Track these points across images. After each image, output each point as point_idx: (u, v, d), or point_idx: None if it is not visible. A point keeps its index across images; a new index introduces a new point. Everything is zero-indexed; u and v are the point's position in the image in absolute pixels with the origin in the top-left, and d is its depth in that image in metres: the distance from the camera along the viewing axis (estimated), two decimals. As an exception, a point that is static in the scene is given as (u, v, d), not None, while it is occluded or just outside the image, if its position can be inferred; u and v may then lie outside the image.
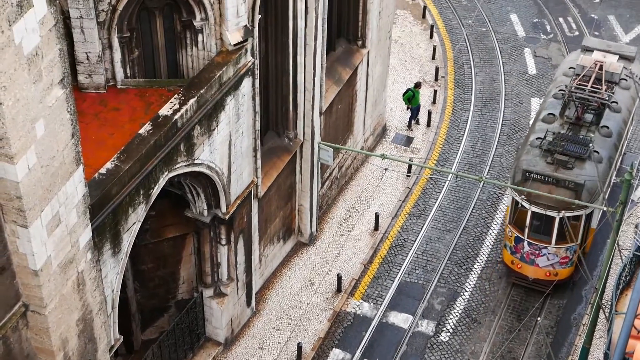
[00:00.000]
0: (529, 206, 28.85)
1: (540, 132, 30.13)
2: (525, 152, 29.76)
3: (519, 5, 43.14)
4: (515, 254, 30.06)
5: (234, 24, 22.94)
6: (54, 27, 15.99)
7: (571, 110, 30.53)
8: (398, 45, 40.63)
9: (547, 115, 30.74)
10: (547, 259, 29.61)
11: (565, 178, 28.41)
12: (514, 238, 29.84)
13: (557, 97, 31.38)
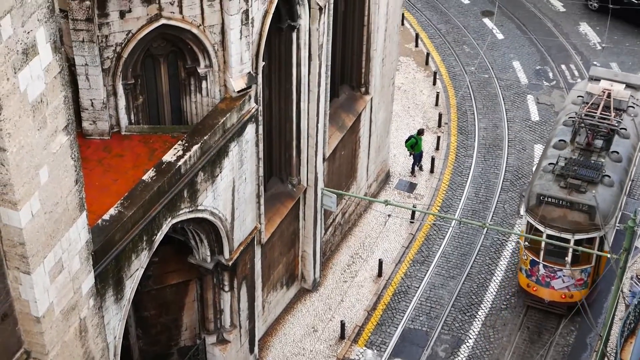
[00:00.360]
0: (543, 229, 29.53)
1: (552, 157, 31.04)
2: (538, 177, 30.60)
3: (521, 53, 43.38)
4: (531, 277, 30.71)
5: (237, 70, 23.08)
6: (59, 75, 16.08)
7: (581, 136, 31.48)
8: (401, 92, 40.81)
9: (558, 142, 31.72)
10: (562, 281, 30.20)
11: (579, 201, 29.28)
12: (530, 261, 30.51)
13: (567, 124, 32.39)
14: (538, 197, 29.72)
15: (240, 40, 22.69)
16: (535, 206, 29.77)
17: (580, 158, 30.77)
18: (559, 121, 33.28)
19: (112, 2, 20.89)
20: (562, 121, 32.86)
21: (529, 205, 30.12)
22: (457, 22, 45.19)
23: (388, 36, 32.55)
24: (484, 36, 44.08)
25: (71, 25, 20.65)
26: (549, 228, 29.45)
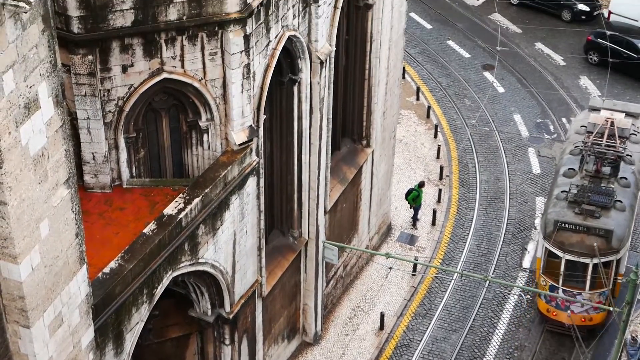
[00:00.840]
0: (562, 254, 30.40)
1: (563, 185, 32.05)
2: (552, 205, 31.47)
3: (522, 106, 43.58)
4: (550, 302, 31.50)
5: (239, 124, 23.20)
6: (60, 128, 16.17)
7: (589, 164, 32.51)
8: (403, 145, 40.93)
9: (568, 170, 32.76)
10: (581, 305, 30.91)
11: (596, 226, 30.26)
12: (549, 287, 31.22)
13: (574, 153, 33.44)
14: (555, 223, 30.56)
15: (241, 93, 22.84)
16: (553, 232, 30.57)
17: (591, 185, 31.70)
18: (565, 150, 34.25)
19: (115, 56, 21.07)
20: (568, 150, 33.83)
21: (546, 232, 30.84)
22: (458, 75, 45.47)
23: (389, 89, 32.74)
24: (485, 89, 44.31)
25: (73, 79, 20.81)
26: (567, 253, 30.29)
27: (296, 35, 25.10)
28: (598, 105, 35.54)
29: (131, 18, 20.82)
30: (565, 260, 30.33)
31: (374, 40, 30.45)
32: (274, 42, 24.14)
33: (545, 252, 31.03)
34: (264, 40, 23.52)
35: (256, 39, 23.01)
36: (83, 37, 20.45)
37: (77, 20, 20.23)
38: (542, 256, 31.25)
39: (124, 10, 20.63)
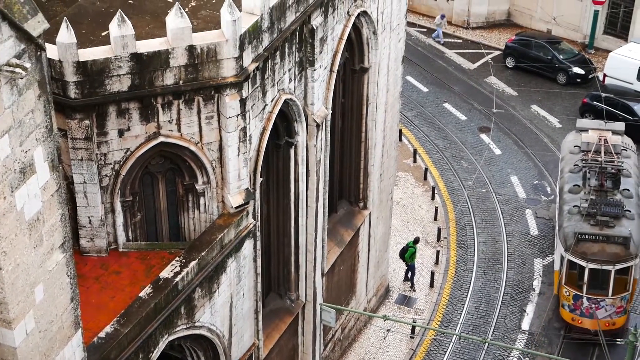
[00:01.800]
0: (586, 264, 32.37)
1: (572, 201, 34.09)
2: (567, 220, 33.42)
3: (519, 167, 43.71)
4: (575, 311, 33.35)
5: (235, 187, 23.26)
6: (56, 193, 16.20)
7: (591, 179, 34.69)
8: (400, 207, 40.97)
9: (573, 187, 34.77)
10: (605, 311, 33.00)
11: (615, 234, 32.44)
12: (572, 296, 33.09)
13: (574, 171, 35.54)
14: (575, 235, 32.50)
15: (238, 157, 22.93)
16: (574, 244, 32.49)
17: (599, 198, 33.74)
18: (563, 170, 36.20)
19: (111, 121, 21.20)
20: (567, 169, 35.83)
21: (567, 245, 32.67)
22: (455, 137, 45.68)
23: (386, 152, 32.89)
24: (482, 151, 44.49)
25: (70, 143, 20.91)
26: (591, 262, 32.28)
27: (292, 99, 25.28)
28: (586, 126, 37.90)
29: (128, 83, 21.00)
30: (589, 269, 32.30)
31: (370, 103, 30.67)
32: (270, 105, 24.32)
33: (567, 263, 32.90)
34: (260, 104, 23.69)
35: (252, 103, 23.17)
36: (80, 102, 20.60)
37: (74, 86, 20.40)
38: (565, 268, 33.03)
39: (121, 75, 20.82)
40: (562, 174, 36.18)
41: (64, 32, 19.94)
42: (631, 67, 45.60)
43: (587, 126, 37.92)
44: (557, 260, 34.34)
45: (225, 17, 21.43)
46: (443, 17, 51.60)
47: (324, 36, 26.16)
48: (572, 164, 35.88)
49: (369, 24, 29.08)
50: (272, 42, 23.42)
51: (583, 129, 37.74)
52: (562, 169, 36.50)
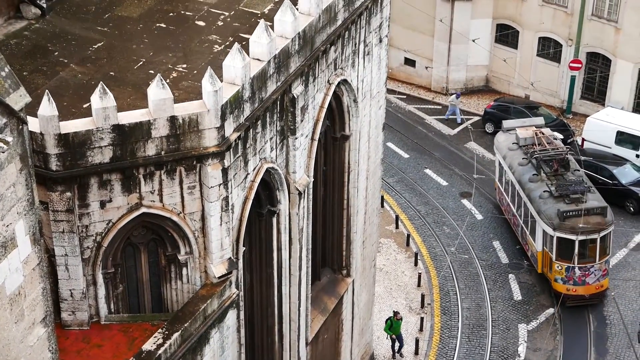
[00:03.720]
0: (576, 237, 36.75)
1: (538, 188, 38.59)
2: (543, 204, 37.80)
3: (501, 232, 43.74)
4: (568, 281, 37.70)
5: (218, 257, 23.14)
6: (37, 266, 16.09)
7: (544, 167, 39.38)
8: (383, 273, 40.86)
9: (532, 176, 39.27)
10: (594, 276, 37.59)
11: (594, 206, 37.19)
12: (565, 269, 37.46)
13: (522, 164, 40.08)
14: (561, 214, 36.81)
15: (220, 226, 22.85)
16: (561, 222, 36.84)
17: (562, 180, 38.42)
18: (512, 165, 40.68)
19: (93, 192, 21.13)
20: (517, 163, 40.35)
21: (555, 224, 36.99)
22: (437, 203, 45.78)
23: (368, 219, 32.88)
24: (463, 217, 44.56)
25: (51, 216, 20.79)
26: (580, 234, 36.64)
27: (274, 167, 25.31)
28: (511, 125, 42.78)
29: (110, 154, 20.98)
30: (579, 241, 36.67)
31: (352, 171, 30.74)
32: (252, 174, 24.32)
33: (556, 241, 37.13)
34: (242, 173, 23.70)
35: (234, 172, 23.18)
36: (61, 174, 20.53)
37: (55, 158, 20.35)
38: (554, 246, 37.30)
39: (103, 147, 20.80)
40: (512, 169, 40.50)
41: (46, 104, 19.95)
42: (609, 132, 46.03)
43: (513, 125, 42.64)
44: (540, 241, 38.35)
45: (206, 87, 21.52)
46: (458, 96, 51.59)
47: (305, 105, 26.31)
48: (519, 158, 40.38)
49: (349, 92, 29.28)
50: (254, 111, 23.52)
51: (510, 128, 42.49)
52: (511, 164, 40.71)
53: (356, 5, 28.06)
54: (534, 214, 38.62)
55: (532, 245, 39.79)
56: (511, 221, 42.71)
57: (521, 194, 39.85)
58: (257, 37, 23.41)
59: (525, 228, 40.46)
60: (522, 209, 40.35)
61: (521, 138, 41.17)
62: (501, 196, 43.56)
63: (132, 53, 24.75)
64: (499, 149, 42.77)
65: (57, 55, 24.39)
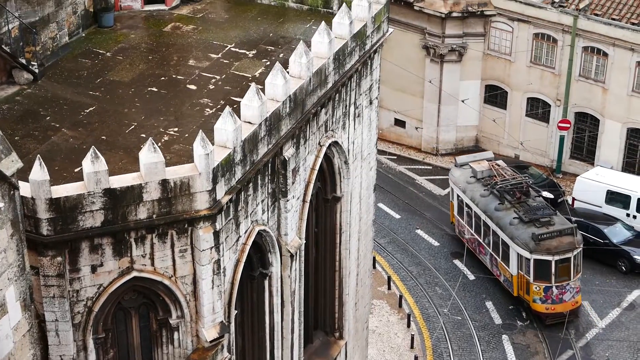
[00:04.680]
0: (552, 257, 38.81)
1: (506, 216, 40.65)
2: (515, 230, 39.81)
3: (493, 292, 43.62)
4: (547, 301, 39.61)
5: (210, 320, 22.97)
6: (27, 333, 15.97)
7: (508, 196, 41.49)
8: (376, 335, 40.61)
9: (498, 205, 41.39)
10: (570, 293, 39.65)
11: (565, 227, 39.45)
12: (543, 289, 39.35)
13: (484, 195, 42.27)
14: (536, 237, 38.88)
15: (212, 290, 22.73)
16: (536, 245, 38.80)
17: (528, 206, 40.67)
18: (474, 197, 42.68)
19: (84, 257, 21.04)
20: (478, 195, 42.45)
21: (531, 248, 38.93)
22: (428, 264, 45.71)
23: (360, 280, 32.77)
24: (456, 277, 44.47)
25: (42, 281, 20.62)
26: (556, 255, 38.76)
27: (266, 230, 25.28)
28: (464, 161, 45.03)
29: (101, 218, 20.93)
30: (555, 260, 38.74)
31: (344, 232, 30.71)
32: (244, 237, 24.27)
33: (534, 263, 38.91)
34: (233, 236, 23.66)
35: (226, 235, 23.14)
36: (52, 239, 20.43)
37: (46, 223, 20.27)
38: (531, 269, 39.02)
39: (94, 211, 20.76)
40: (475, 200, 42.57)
41: (37, 169, 19.94)
42: (599, 191, 46.19)
43: (466, 161, 44.99)
44: (514, 265, 40.06)
45: (198, 150, 21.57)
46: None
47: (296, 167, 26.37)
48: (480, 190, 42.66)
49: (340, 154, 29.37)
50: (245, 174, 23.55)
51: (463, 163, 44.76)
52: (472, 197, 42.74)
53: (346, 67, 28.28)
54: (506, 240, 40.51)
55: (505, 271, 41.51)
56: (476, 251, 44.27)
57: (489, 223, 41.76)
58: (248, 100, 23.54)
59: (495, 255, 42.16)
60: (490, 237, 42.21)
61: (478, 172, 43.50)
62: (462, 228, 44.95)
63: (123, 117, 24.87)
64: (456, 183, 44.67)
65: (48, 120, 24.49)
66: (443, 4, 49.00)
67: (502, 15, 49.83)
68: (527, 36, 49.79)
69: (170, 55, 28.17)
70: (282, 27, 30.13)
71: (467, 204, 43.69)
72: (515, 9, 49.26)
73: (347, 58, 28.23)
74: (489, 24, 50.43)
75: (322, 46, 26.54)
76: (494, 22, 50.29)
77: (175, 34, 29.44)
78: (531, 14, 49.04)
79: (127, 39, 28.88)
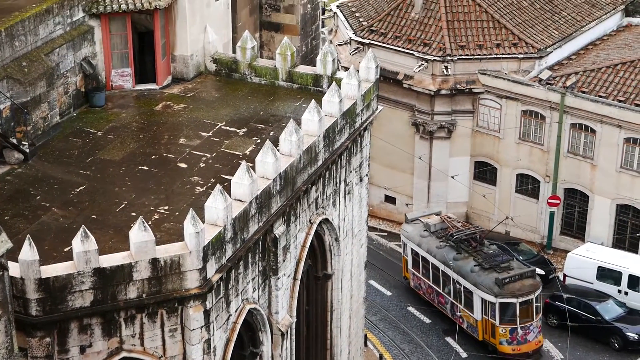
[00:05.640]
0: (516, 300, 40.18)
1: (465, 265, 41.89)
2: (478, 276, 41.13)
3: None
4: (512, 342, 40.62)
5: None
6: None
7: (464, 246, 42.86)
8: (368, 415, 40.06)
9: (457, 255, 42.56)
10: (533, 333, 41.19)
11: (525, 271, 41.25)
12: (509, 331, 40.51)
13: (440, 247, 43.41)
14: (499, 281, 40.29)
15: (202, 369, 22.52)
16: (501, 289, 40.23)
17: (485, 254, 42.22)
18: (430, 250, 43.78)
19: (73, 337, 20.85)
20: (434, 247, 43.64)
21: (495, 292, 40.25)
22: (420, 341, 45.29)
23: (352, 358, 32.49)
24: (448, 355, 44.02)
25: (30, 362, 20.44)
26: (520, 297, 40.24)
27: (256, 308, 25.14)
28: (415, 216, 46.38)
29: (90, 298, 20.81)
30: (519, 303, 40.11)
31: (335, 310, 30.55)
32: (235, 315, 24.13)
33: (499, 306, 40.24)
34: (224, 314, 23.51)
35: (216, 314, 22.99)
36: (41, 319, 20.29)
37: (35, 303, 20.13)
38: (497, 312, 40.40)
39: (83, 291, 20.65)
40: (432, 253, 43.79)
41: (27, 249, 19.87)
42: (590, 268, 46.03)
43: (416, 216, 46.38)
44: (479, 311, 41.21)
45: (188, 229, 21.56)
46: None
47: (287, 244, 26.33)
48: (436, 242, 43.86)
49: (330, 231, 29.37)
50: (236, 252, 23.51)
51: (414, 219, 46.11)
52: (429, 249, 43.97)
53: (336, 145, 28.44)
54: (469, 287, 41.63)
55: (468, 317, 42.50)
56: (435, 301, 45.08)
57: (448, 273, 42.89)
58: (239, 178, 23.61)
59: (456, 303, 43.05)
60: (450, 286, 43.19)
61: (431, 225, 44.89)
62: (418, 281, 45.79)
63: (114, 196, 24.88)
64: (410, 238, 45.69)
65: (39, 200, 24.49)
66: (432, 82, 49.44)
67: (490, 92, 50.25)
68: (515, 113, 50.15)
69: (161, 133, 28.30)
70: (273, 105, 30.36)
71: (423, 257, 44.69)
72: (503, 86, 49.68)
73: (337, 136, 28.42)
74: (477, 101, 50.81)
75: (312, 124, 26.73)
76: (482, 99, 50.67)
77: (166, 113, 29.63)
78: (519, 91, 49.46)
79: (118, 118, 29.05)
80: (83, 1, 29.02)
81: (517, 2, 52.00)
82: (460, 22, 50.07)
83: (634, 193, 47.74)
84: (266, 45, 41.45)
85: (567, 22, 52.34)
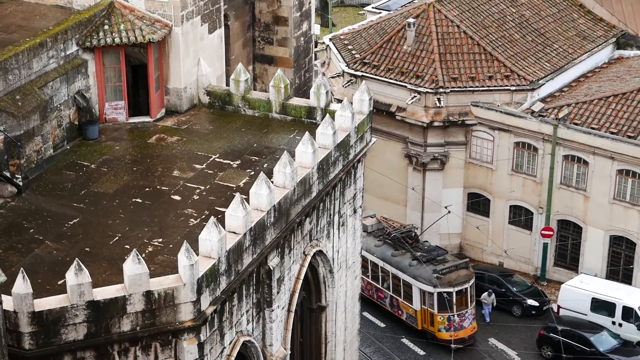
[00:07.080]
0: (452, 289, 42.88)
1: (405, 259, 44.65)
2: (415, 270, 43.72)
3: (481, 402, 43.07)
4: (450, 329, 43.37)
5: None
6: None
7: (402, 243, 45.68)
8: None
9: (395, 251, 45.35)
10: (468, 320, 43.95)
11: (460, 262, 44.32)
12: (446, 318, 43.28)
13: (378, 245, 46.12)
14: (438, 272, 42.83)
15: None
16: (438, 279, 42.76)
17: (422, 249, 44.92)
18: (369, 249, 45.77)
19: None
20: (373, 246, 46.16)
21: (433, 283, 42.74)
22: (415, 374, 45.19)
23: (346, 392, 32.33)
24: (443, 387, 43.92)
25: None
26: (456, 286, 42.98)
27: (251, 340, 25.06)
28: None
29: (84, 331, 20.72)
30: (455, 292, 42.73)
31: (329, 342, 30.45)
32: (229, 348, 24.04)
33: (437, 296, 42.86)
34: (218, 347, 23.42)
35: (210, 346, 22.90)
36: (34, 352, 20.21)
37: (28, 337, 20.06)
38: (435, 302, 42.93)
39: (77, 324, 20.56)
40: (371, 251, 46.18)
41: (20, 282, 19.82)
42: (584, 299, 45.99)
43: None
44: (417, 301, 43.77)
45: (182, 261, 21.53)
46: (491, 293, 50.01)
47: (281, 276, 26.29)
48: (374, 241, 46.33)
49: (325, 263, 29.35)
50: (230, 284, 23.45)
51: None
52: (368, 248, 45.73)
53: (330, 177, 28.48)
54: (408, 280, 44.28)
55: (408, 308, 44.96)
56: (374, 297, 47.32)
57: (388, 268, 45.50)
58: (233, 210, 23.61)
59: (396, 296, 45.52)
60: (389, 281, 45.77)
61: (368, 226, 47.26)
62: None
63: (107, 228, 24.85)
64: None
65: (32, 233, 24.44)
66: (424, 114, 49.58)
67: (482, 124, 50.39)
68: (508, 145, 50.28)
69: (154, 166, 28.33)
70: (266, 137, 30.43)
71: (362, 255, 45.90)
72: (496, 118, 49.83)
73: (331, 167, 28.46)
74: (470, 132, 50.94)
75: (306, 156, 26.78)
76: (475, 131, 50.81)
77: (160, 145, 29.66)
78: (511, 123, 49.61)
79: (111, 150, 29.08)
80: (77, 35, 29.13)
81: (509, 35, 52.28)
82: (453, 55, 50.26)
83: (627, 224, 47.75)
84: (260, 77, 41.58)
85: (559, 55, 52.60)
